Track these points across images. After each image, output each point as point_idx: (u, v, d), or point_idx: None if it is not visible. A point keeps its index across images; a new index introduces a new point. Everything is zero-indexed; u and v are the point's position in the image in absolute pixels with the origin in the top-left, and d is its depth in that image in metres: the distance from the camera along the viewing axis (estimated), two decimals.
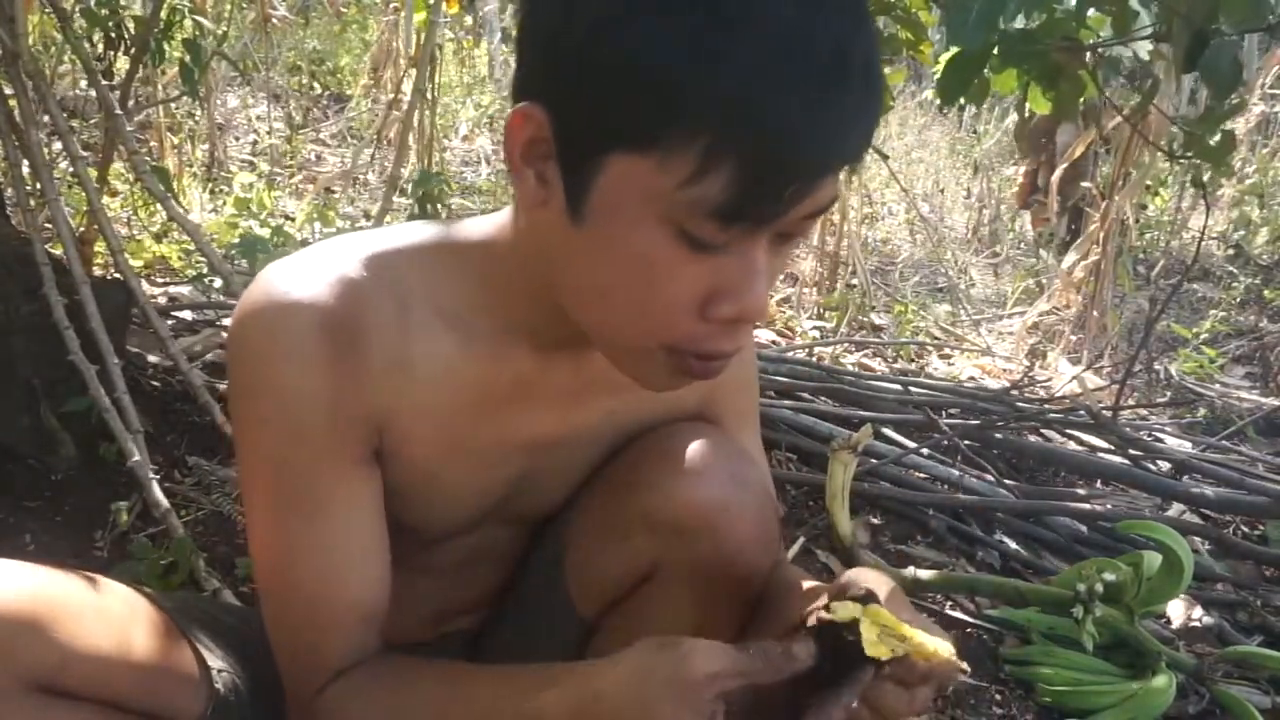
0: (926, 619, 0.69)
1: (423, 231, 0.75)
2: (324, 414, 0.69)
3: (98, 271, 2.05)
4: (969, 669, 0.65)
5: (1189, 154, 1.62)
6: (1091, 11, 1.42)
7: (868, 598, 0.63)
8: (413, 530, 0.80)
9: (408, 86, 3.35)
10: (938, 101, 1.80)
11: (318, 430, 0.69)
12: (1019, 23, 1.32)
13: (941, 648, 0.62)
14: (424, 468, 0.75)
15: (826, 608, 0.63)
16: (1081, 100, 1.54)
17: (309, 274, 0.68)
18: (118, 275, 1.59)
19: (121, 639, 0.69)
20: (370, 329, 0.69)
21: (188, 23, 2.04)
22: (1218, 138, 1.50)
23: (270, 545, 0.72)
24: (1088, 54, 1.45)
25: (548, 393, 0.78)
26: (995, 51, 1.34)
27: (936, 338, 3.63)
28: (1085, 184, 3.94)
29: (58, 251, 1.57)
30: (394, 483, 0.75)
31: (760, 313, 0.61)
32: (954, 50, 1.36)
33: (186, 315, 2.13)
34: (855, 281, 3.78)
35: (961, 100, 1.43)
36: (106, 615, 0.69)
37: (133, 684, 0.69)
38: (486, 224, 0.74)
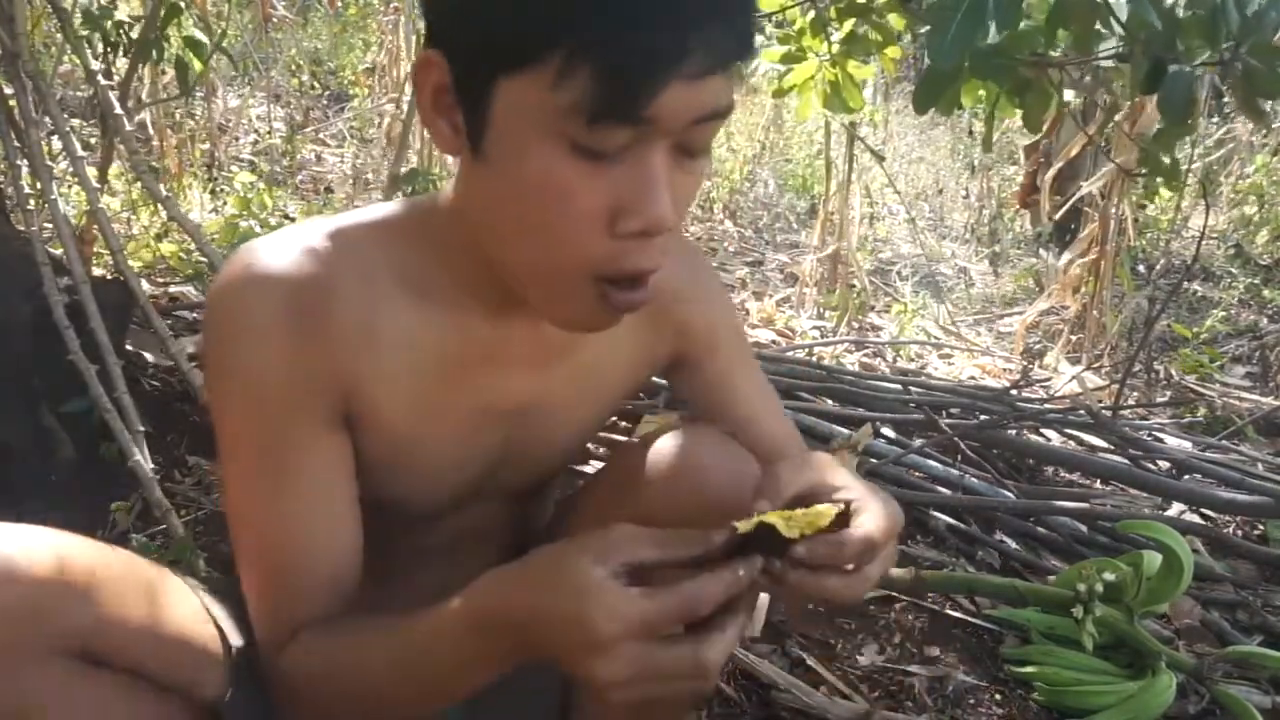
0: (866, 485, 0.70)
1: (387, 208, 0.77)
2: (289, 380, 0.71)
3: (98, 271, 2.05)
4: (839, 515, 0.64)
5: (1145, 171, 1.65)
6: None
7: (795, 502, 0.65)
8: (401, 504, 0.81)
9: (408, 86, 3.35)
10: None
11: (283, 396, 0.71)
12: (990, 37, 1.35)
13: (825, 511, 0.63)
14: (400, 436, 0.76)
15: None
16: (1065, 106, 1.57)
17: (275, 249, 0.71)
18: (118, 275, 1.59)
19: (152, 610, 0.71)
20: (333, 298, 0.71)
21: (187, 21, 2.04)
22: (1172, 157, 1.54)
23: (240, 508, 0.74)
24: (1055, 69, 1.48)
25: (511, 358, 0.79)
26: (967, 65, 1.37)
27: (936, 338, 3.63)
28: (1083, 183, 3.94)
29: (58, 251, 1.57)
30: (372, 455, 0.76)
31: (664, 222, 0.62)
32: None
33: (187, 315, 2.13)
34: (855, 281, 3.79)
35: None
36: (139, 585, 0.71)
37: (159, 655, 0.70)
38: (439, 195, 0.76)
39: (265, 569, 0.74)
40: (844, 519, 0.66)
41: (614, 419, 2.12)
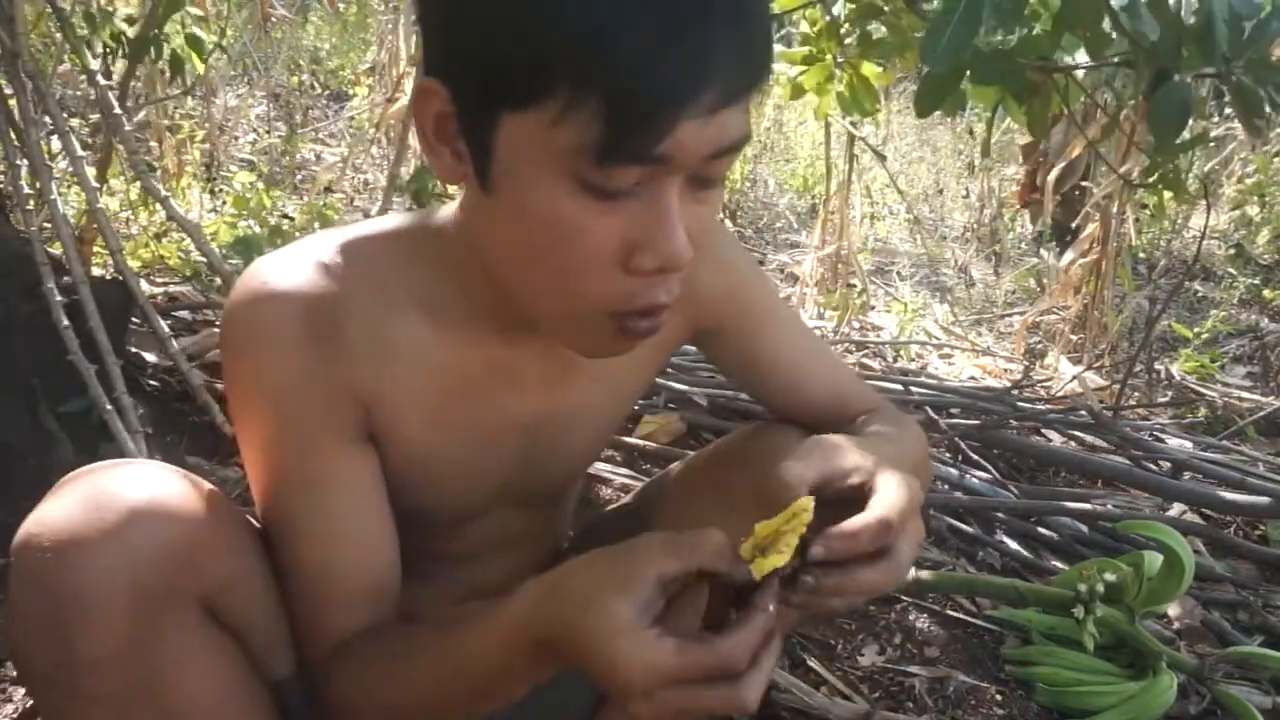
0: (875, 459, 0.66)
1: (399, 220, 0.77)
2: (309, 395, 0.70)
3: (97, 271, 2.05)
4: (809, 508, 0.60)
5: (1149, 180, 1.66)
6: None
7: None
8: (424, 515, 0.81)
9: (408, 85, 3.35)
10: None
11: (305, 411, 0.71)
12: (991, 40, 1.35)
13: (802, 505, 0.59)
14: (415, 450, 0.76)
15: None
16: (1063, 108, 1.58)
17: (289, 265, 0.71)
18: (117, 275, 1.58)
19: (269, 581, 0.73)
20: (348, 313, 0.71)
21: (186, 19, 2.04)
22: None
23: (274, 523, 0.74)
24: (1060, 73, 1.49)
25: (524, 375, 0.79)
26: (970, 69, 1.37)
27: (937, 338, 3.62)
28: (1084, 183, 3.94)
29: (57, 251, 1.57)
30: (393, 467, 0.76)
31: (680, 259, 0.61)
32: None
33: (186, 315, 2.13)
34: (855, 281, 3.78)
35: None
36: (263, 555, 0.73)
37: (261, 627, 0.72)
38: (447, 212, 0.75)
39: (300, 582, 0.74)
40: (858, 502, 0.62)
41: None
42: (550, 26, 0.55)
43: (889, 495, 0.61)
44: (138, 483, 0.65)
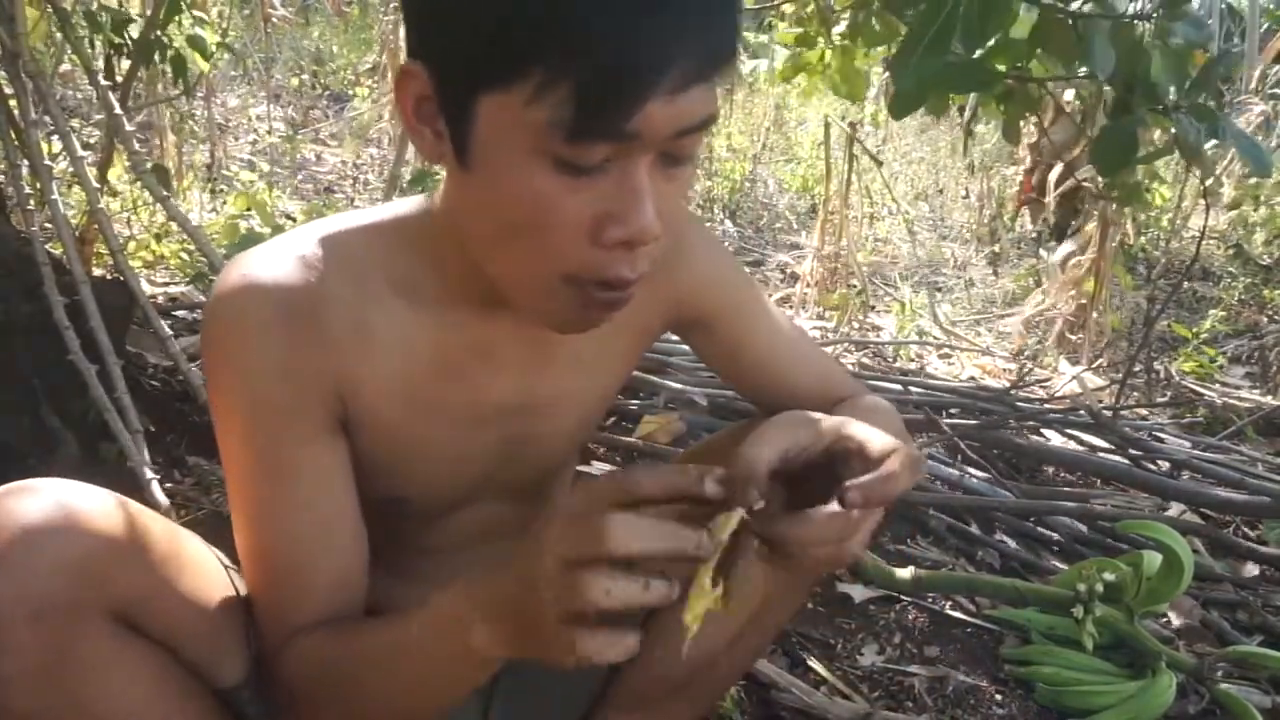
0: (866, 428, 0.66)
1: (379, 211, 0.78)
2: (286, 384, 0.71)
3: (98, 271, 2.05)
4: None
5: (1109, 191, 1.69)
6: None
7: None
8: (406, 504, 0.81)
9: None
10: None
11: (281, 401, 0.72)
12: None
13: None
14: (397, 436, 0.77)
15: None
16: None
17: (269, 257, 0.72)
18: (118, 275, 1.58)
19: (193, 586, 0.73)
20: (327, 302, 0.72)
21: (187, 20, 2.04)
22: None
23: (243, 511, 0.75)
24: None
25: (503, 356, 0.80)
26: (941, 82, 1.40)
27: (936, 338, 3.62)
28: (1087, 183, 3.93)
29: (58, 251, 1.57)
30: (372, 456, 0.77)
31: (648, 233, 0.62)
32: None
33: (186, 315, 2.14)
34: (855, 281, 3.78)
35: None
36: (189, 564, 0.73)
37: (190, 633, 0.72)
38: (431, 196, 0.77)
39: (264, 571, 0.75)
40: (828, 468, 0.63)
41: (614, 419, 2.12)
42: (525, 10, 0.57)
43: (866, 480, 0.60)
44: (33, 501, 0.64)
